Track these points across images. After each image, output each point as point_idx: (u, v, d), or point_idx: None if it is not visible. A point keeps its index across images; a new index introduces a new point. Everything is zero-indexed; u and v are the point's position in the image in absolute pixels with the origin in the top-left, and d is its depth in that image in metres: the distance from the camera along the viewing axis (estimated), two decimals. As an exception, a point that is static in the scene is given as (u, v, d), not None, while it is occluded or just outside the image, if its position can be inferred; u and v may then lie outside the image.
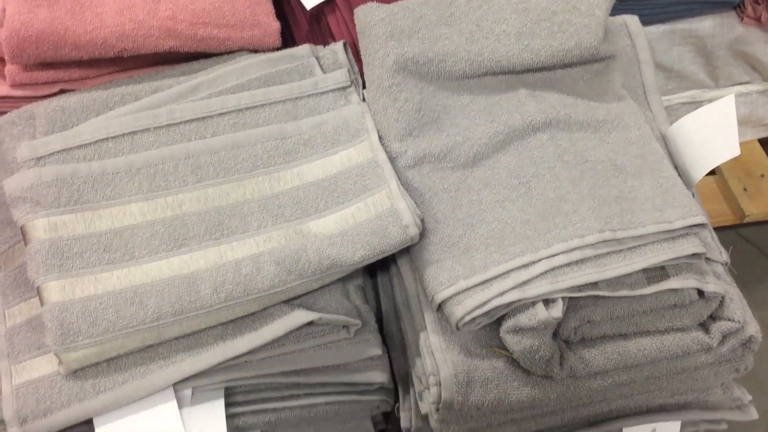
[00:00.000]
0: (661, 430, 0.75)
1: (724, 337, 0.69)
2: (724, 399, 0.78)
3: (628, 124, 0.76)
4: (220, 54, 0.82)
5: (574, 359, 0.66)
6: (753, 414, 0.78)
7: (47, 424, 0.62)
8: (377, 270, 0.78)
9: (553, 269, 0.65)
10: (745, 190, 1.08)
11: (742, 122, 1.10)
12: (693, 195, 0.76)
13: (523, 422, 0.72)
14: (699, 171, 0.76)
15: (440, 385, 0.65)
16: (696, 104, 1.06)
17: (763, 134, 1.13)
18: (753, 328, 0.69)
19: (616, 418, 0.75)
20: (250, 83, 0.77)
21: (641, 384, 0.70)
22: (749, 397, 0.78)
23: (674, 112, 1.06)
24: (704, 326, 0.70)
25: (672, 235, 0.68)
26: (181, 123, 0.73)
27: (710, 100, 1.04)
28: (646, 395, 0.74)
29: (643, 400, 0.74)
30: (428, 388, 0.66)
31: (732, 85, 1.07)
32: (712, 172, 1.11)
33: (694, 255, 0.68)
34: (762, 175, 1.09)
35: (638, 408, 0.75)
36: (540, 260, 0.65)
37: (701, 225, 0.68)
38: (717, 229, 0.76)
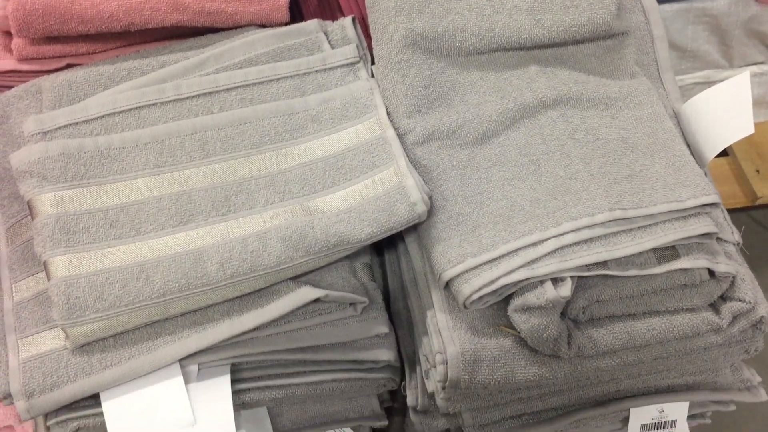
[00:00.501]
0: (669, 410, 0.75)
1: (735, 318, 0.68)
2: (733, 380, 0.77)
3: (641, 102, 0.75)
4: (228, 29, 0.81)
5: (582, 339, 0.66)
6: (762, 396, 0.78)
7: (54, 398, 0.62)
8: (384, 248, 0.78)
9: (562, 248, 0.65)
10: (757, 171, 1.06)
11: (756, 103, 1.09)
12: (705, 174, 0.75)
13: (529, 401, 0.72)
14: (712, 149, 0.75)
15: (447, 363, 0.65)
16: (709, 84, 1.05)
17: (776, 115, 1.12)
18: (764, 309, 0.68)
19: (624, 399, 0.74)
20: (257, 58, 0.76)
21: (650, 364, 0.70)
22: (759, 379, 0.78)
23: (687, 93, 1.04)
24: (715, 307, 0.69)
25: (683, 215, 0.67)
26: (188, 98, 0.72)
27: (723, 81, 1.03)
28: (654, 376, 0.73)
29: (651, 381, 0.74)
30: (435, 367, 0.66)
31: (746, 66, 1.06)
32: (725, 153, 1.10)
33: (706, 234, 0.67)
34: (774, 157, 1.08)
35: (646, 388, 0.75)
36: (549, 239, 0.65)
37: (713, 204, 0.68)
38: (728, 211, 0.75)
